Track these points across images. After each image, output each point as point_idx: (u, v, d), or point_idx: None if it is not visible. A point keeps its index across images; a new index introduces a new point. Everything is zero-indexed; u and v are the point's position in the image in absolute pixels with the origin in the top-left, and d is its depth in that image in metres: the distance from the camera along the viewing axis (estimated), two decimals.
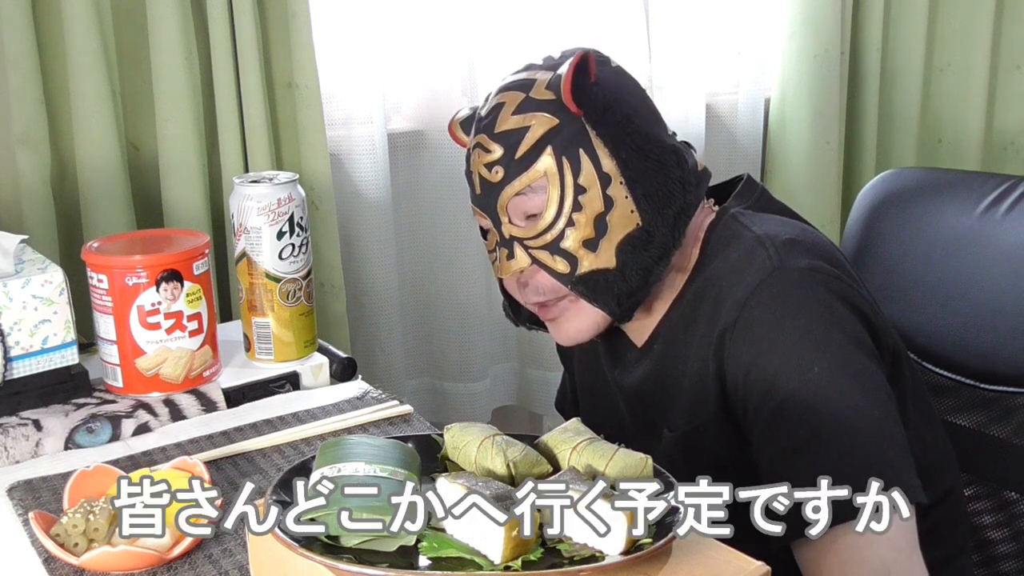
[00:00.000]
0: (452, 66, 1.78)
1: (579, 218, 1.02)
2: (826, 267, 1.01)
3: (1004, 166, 2.29)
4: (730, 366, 1.00)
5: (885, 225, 1.36)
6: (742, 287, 1.00)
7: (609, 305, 1.05)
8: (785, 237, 1.02)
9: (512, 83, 1.07)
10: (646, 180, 1.02)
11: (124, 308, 1.13)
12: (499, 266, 1.08)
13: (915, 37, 2.17)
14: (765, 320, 0.98)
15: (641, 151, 1.03)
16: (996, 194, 1.29)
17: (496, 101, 1.06)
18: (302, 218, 1.22)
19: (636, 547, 0.68)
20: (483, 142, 1.06)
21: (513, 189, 1.04)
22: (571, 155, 1.02)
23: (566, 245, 1.03)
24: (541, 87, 1.04)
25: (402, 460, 0.76)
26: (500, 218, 1.06)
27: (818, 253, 1.02)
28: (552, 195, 1.02)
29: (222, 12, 1.51)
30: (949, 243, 1.31)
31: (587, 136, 1.02)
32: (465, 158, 1.10)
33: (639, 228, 1.02)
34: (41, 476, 1.02)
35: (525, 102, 1.04)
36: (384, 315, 1.78)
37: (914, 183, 1.38)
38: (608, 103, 1.03)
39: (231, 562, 0.86)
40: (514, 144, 1.03)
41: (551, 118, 1.02)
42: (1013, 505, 1.26)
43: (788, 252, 1.01)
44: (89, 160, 1.48)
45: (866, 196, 1.40)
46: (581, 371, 1.27)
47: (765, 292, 0.98)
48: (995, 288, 1.26)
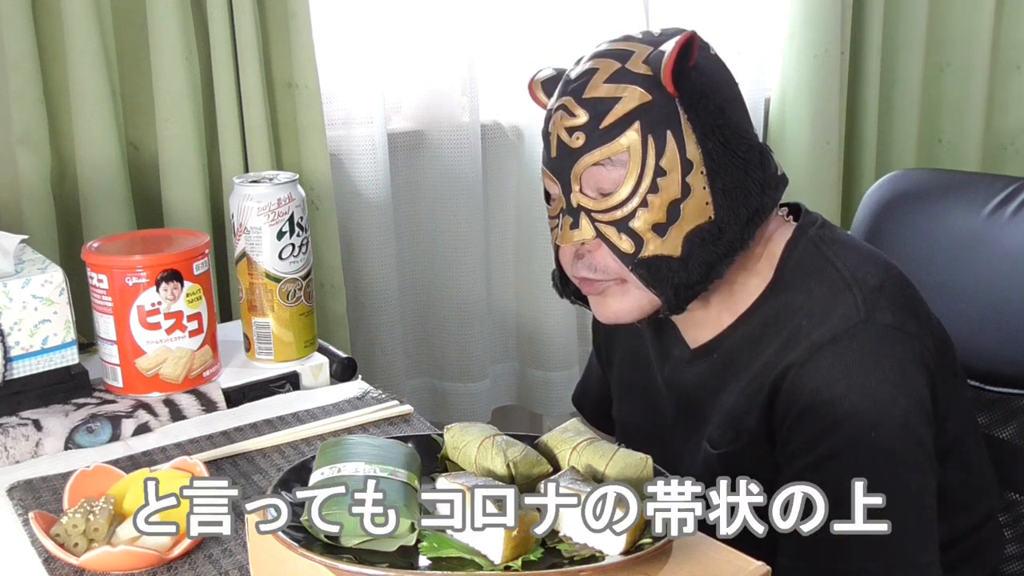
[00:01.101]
0: (452, 66, 1.78)
1: (654, 200, 0.99)
2: (909, 325, 1.00)
3: (1004, 166, 2.29)
4: (783, 401, 0.99)
5: (890, 226, 1.36)
6: (823, 330, 0.99)
7: (666, 293, 1.02)
8: (873, 283, 1.01)
9: (609, 51, 1.03)
10: (727, 175, 1.00)
11: (124, 308, 1.13)
12: (560, 233, 1.05)
13: (915, 37, 2.17)
14: (836, 369, 0.97)
15: (728, 145, 1.00)
16: (1002, 196, 1.29)
17: (589, 66, 1.02)
18: (302, 218, 1.22)
19: (636, 547, 0.68)
20: (569, 105, 1.02)
21: (592, 158, 1.00)
22: (658, 135, 0.99)
23: (635, 225, 1.00)
24: (639, 60, 1.00)
25: (402, 460, 0.76)
26: (571, 185, 1.02)
27: (903, 304, 1.01)
28: (631, 171, 0.99)
29: (222, 12, 1.51)
30: (954, 245, 1.31)
31: (678, 119, 0.99)
32: (545, 117, 1.06)
33: (711, 221, 1.00)
34: (41, 476, 1.01)
35: (620, 72, 1.00)
36: (384, 315, 1.78)
37: (919, 184, 1.38)
38: (705, 90, 1.00)
39: (231, 562, 0.86)
40: (602, 112, 1.00)
41: (645, 93, 0.99)
42: (1017, 506, 1.25)
43: (876, 304, 0.99)
44: (89, 160, 1.48)
45: (871, 197, 1.40)
46: (622, 364, 1.24)
47: (844, 343, 0.97)
48: (1000, 290, 1.26)
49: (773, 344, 1.02)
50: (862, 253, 1.06)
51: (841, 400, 0.96)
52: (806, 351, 0.98)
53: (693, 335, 1.11)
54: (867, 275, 1.02)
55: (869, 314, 0.98)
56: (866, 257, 1.06)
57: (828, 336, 0.98)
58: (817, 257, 1.05)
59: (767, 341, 1.03)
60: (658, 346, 1.16)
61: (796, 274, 1.05)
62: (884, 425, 0.96)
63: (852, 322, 0.98)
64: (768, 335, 1.03)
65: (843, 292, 1.00)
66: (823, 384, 0.97)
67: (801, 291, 1.03)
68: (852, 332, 0.98)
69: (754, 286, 1.06)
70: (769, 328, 1.03)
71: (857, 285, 1.01)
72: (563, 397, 1.89)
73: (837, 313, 0.99)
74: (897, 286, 1.03)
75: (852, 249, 1.06)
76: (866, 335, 0.98)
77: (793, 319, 1.02)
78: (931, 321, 1.05)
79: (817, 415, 0.97)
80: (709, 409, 1.08)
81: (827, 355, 0.97)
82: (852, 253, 1.05)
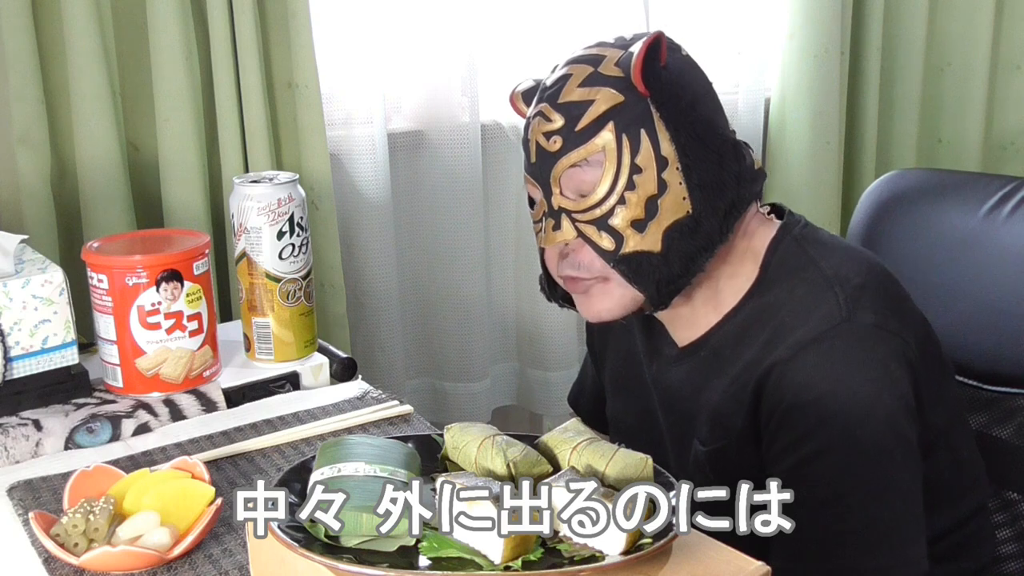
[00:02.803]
0: (452, 66, 1.78)
1: (631, 197, 1.01)
2: (892, 323, 1.01)
3: (1004, 166, 2.29)
4: (768, 399, 1.00)
5: (889, 226, 1.36)
6: (806, 329, 1.00)
7: (648, 289, 1.04)
8: (856, 282, 1.02)
9: (581, 57, 1.05)
10: (702, 169, 1.02)
11: (124, 308, 1.13)
12: (544, 236, 1.07)
13: (915, 37, 2.17)
14: (820, 368, 0.98)
15: (701, 140, 1.02)
16: (1000, 195, 1.29)
17: (563, 72, 1.05)
18: (302, 218, 1.22)
19: (636, 547, 0.68)
20: (545, 111, 1.04)
21: (569, 160, 1.02)
22: (632, 134, 1.01)
23: (614, 222, 1.02)
24: (610, 63, 1.03)
25: (402, 460, 0.76)
26: (552, 188, 1.04)
27: (885, 302, 1.03)
28: (607, 171, 1.01)
29: (222, 12, 1.51)
30: (953, 244, 1.31)
31: (650, 117, 1.01)
32: (524, 126, 1.09)
33: (688, 216, 1.02)
34: (41, 476, 1.01)
35: (592, 76, 1.03)
36: (384, 315, 1.78)
37: (918, 184, 1.38)
38: (675, 88, 1.02)
39: (231, 562, 0.86)
40: (576, 116, 1.02)
41: (616, 95, 1.01)
42: (1014, 506, 1.26)
43: (857, 302, 1.00)
44: (89, 160, 1.48)
45: (869, 197, 1.40)
46: (615, 362, 1.26)
47: (827, 342, 0.99)
48: (998, 289, 1.26)
49: (757, 341, 1.03)
50: (845, 252, 1.08)
51: (825, 399, 0.97)
52: (790, 350, 1.00)
53: (680, 334, 1.12)
54: (849, 274, 1.03)
55: (851, 313, 1.00)
56: (849, 256, 1.07)
57: (811, 335, 0.99)
58: (800, 256, 1.06)
59: (751, 338, 1.04)
60: (648, 344, 1.17)
61: (780, 272, 1.06)
62: (869, 423, 0.97)
63: (835, 321, 0.99)
64: (752, 332, 1.05)
65: (825, 291, 1.02)
66: (807, 383, 0.98)
67: (784, 289, 1.05)
68: (835, 331, 0.99)
69: (739, 284, 1.07)
70: (753, 325, 1.05)
71: (839, 284, 1.02)
72: (563, 397, 1.88)
73: (820, 312, 1.00)
74: (879, 284, 1.04)
75: (835, 249, 1.08)
76: (849, 334, 0.99)
77: (776, 316, 1.03)
78: (914, 317, 1.06)
79: (802, 414, 0.98)
80: (695, 407, 1.09)
81: (811, 354, 0.99)
82: (835, 252, 1.07)
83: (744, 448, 1.04)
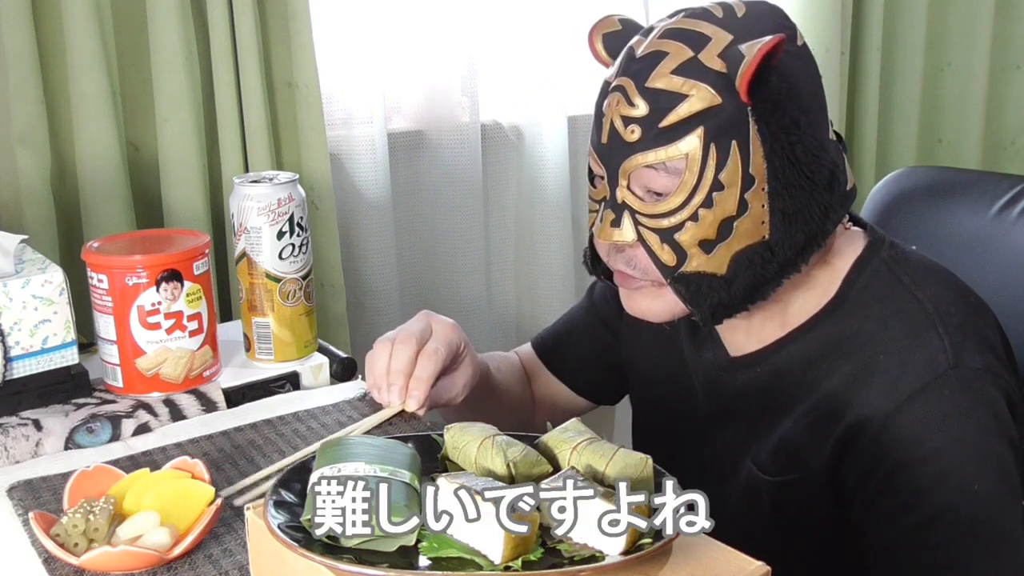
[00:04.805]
0: (452, 66, 1.78)
1: (706, 216, 0.91)
2: (996, 363, 0.94)
3: (1004, 166, 2.30)
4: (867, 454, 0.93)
5: (895, 225, 1.34)
6: (910, 375, 0.92)
7: (702, 311, 0.95)
8: (957, 320, 0.94)
9: (683, 31, 0.92)
10: (790, 196, 0.91)
11: (124, 308, 1.13)
12: (600, 227, 0.96)
13: (915, 37, 2.17)
14: (931, 422, 0.91)
15: (797, 164, 0.91)
16: (1010, 195, 1.27)
17: (658, 47, 0.92)
18: (302, 218, 1.22)
19: (636, 547, 0.68)
20: (628, 90, 0.92)
21: (645, 159, 0.91)
22: (722, 144, 0.90)
23: (681, 238, 0.92)
24: (714, 52, 0.90)
25: (402, 460, 0.76)
26: (619, 180, 0.93)
27: (985, 340, 0.95)
28: (686, 182, 0.90)
29: (222, 12, 1.51)
30: (960, 244, 1.29)
31: (746, 127, 0.90)
32: (600, 90, 0.96)
33: (763, 242, 0.92)
34: (41, 476, 1.01)
35: (691, 63, 0.90)
36: (384, 315, 1.78)
37: (925, 183, 1.36)
38: (782, 99, 0.91)
39: (231, 562, 0.86)
40: (664, 109, 0.90)
41: (714, 95, 0.89)
42: None
43: (962, 344, 0.93)
44: (89, 160, 1.48)
45: (876, 195, 1.38)
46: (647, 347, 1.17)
47: (934, 392, 0.91)
48: (1006, 290, 1.24)
49: (838, 371, 0.96)
50: (938, 280, 0.99)
51: (938, 456, 0.91)
52: (891, 400, 0.92)
53: (734, 342, 1.05)
54: (950, 308, 0.95)
55: (958, 358, 0.92)
56: (944, 285, 0.99)
57: (917, 384, 0.92)
58: (893, 283, 0.98)
59: (829, 367, 0.96)
60: (693, 342, 1.10)
61: (865, 297, 0.97)
62: (985, 476, 0.91)
63: (941, 368, 0.92)
64: (829, 359, 0.97)
65: (928, 331, 0.94)
66: (916, 439, 0.91)
67: (873, 319, 0.96)
68: (942, 379, 0.92)
69: (812, 301, 1.00)
70: (831, 353, 0.97)
71: (942, 322, 0.94)
72: None
73: (923, 356, 0.93)
74: (978, 318, 0.97)
75: (928, 275, 0.99)
76: (958, 382, 0.92)
77: (864, 349, 0.95)
78: (1008, 349, 1.00)
79: (911, 475, 0.91)
80: (753, 427, 1.02)
81: (917, 406, 0.91)
82: (929, 280, 0.98)
83: (817, 487, 0.97)
